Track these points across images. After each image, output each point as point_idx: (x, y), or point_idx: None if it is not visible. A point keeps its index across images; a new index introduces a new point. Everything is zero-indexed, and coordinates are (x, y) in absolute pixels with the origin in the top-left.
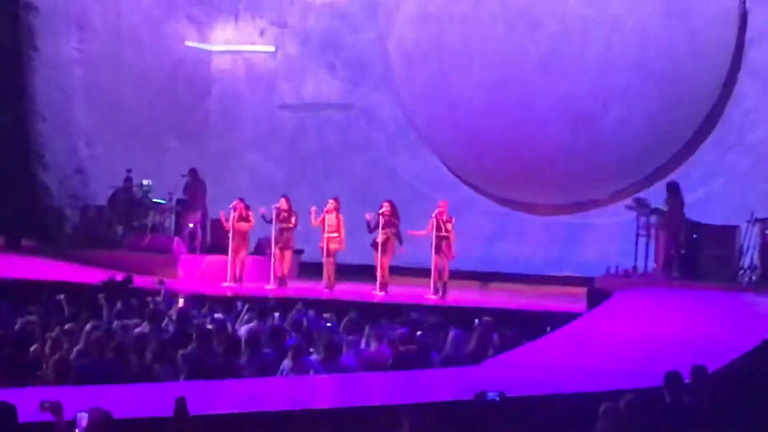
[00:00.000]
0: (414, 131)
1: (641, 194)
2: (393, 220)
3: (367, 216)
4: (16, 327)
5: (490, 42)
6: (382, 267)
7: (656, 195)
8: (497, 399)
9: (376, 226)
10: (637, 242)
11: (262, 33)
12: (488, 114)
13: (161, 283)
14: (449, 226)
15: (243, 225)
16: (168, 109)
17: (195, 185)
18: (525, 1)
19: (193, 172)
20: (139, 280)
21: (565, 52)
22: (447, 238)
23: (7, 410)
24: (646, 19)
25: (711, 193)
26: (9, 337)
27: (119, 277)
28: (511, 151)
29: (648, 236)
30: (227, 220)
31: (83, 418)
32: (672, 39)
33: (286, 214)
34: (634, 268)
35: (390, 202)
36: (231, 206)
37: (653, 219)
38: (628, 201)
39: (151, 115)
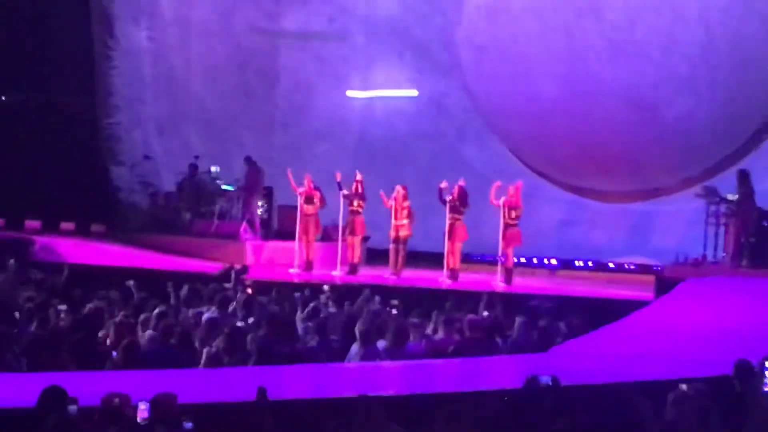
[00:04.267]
0: (482, 120)
1: (711, 182)
2: (460, 205)
3: (443, 184)
4: (85, 312)
5: (558, 33)
6: (450, 253)
7: (726, 183)
8: (550, 383)
9: (444, 202)
10: (706, 230)
11: (330, 20)
12: (557, 103)
13: (232, 269)
14: (515, 213)
15: (309, 208)
16: (237, 97)
17: (251, 172)
18: None
19: (248, 159)
20: (207, 266)
21: (630, 42)
22: (514, 225)
23: (60, 393)
24: (711, 7)
25: None
26: (78, 322)
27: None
28: (580, 140)
29: (717, 224)
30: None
31: (143, 408)
32: (740, 26)
33: (356, 200)
34: (704, 256)
35: (459, 186)
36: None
37: (723, 207)
38: (698, 189)
39: (221, 104)
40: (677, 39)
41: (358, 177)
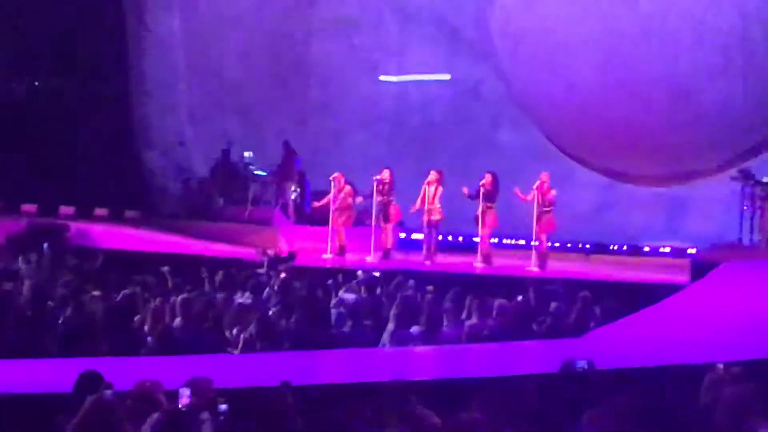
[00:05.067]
0: (517, 106)
1: (747, 165)
2: (492, 192)
3: (465, 190)
4: (119, 298)
5: (592, 21)
6: (482, 239)
7: (763, 167)
8: (585, 368)
9: (477, 196)
10: (742, 214)
11: (362, 7)
12: (593, 90)
13: (265, 253)
14: (549, 198)
15: (340, 201)
16: (270, 83)
17: (287, 158)
18: None
19: (286, 144)
20: (242, 252)
21: (665, 30)
22: (549, 211)
23: (96, 378)
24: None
25: None
26: (113, 307)
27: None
28: (616, 126)
29: (753, 208)
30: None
31: (185, 394)
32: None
33: (388, 187)
34: (739, 239)
35: (492, 173)
36: (331, 178)
37: (759, 190)
38: (734, 172)
39: (254, 90)
40: (711, 26)
41: (385, 176)
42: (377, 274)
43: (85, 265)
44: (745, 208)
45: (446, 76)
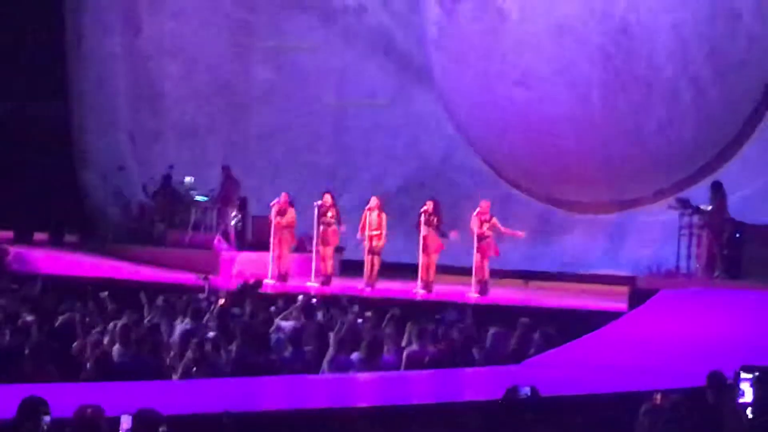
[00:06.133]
0: (457, 131)
1: (684, 193)
2: (434, 218)
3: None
4: (58, 323)
5: (524, 40)
6: (423, 266)
7: (700, 194)
8: (529, 394)
9: (418, 225)
10: (679, 242)
11: (309, 29)
12: (528, 114)
13: (206, 278)
14: (488, 225)
15: (280, 220)
16: (213, 107)
17: (227, 182)
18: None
19: (225, 168)
20: (182, 277)
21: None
22: (487, 237)
23: (40, 404)
24: (687, 22)
25: (755, 192)
26: (52, 332)
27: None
28: (552, 150)
29: (691, 236)
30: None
31: (127, 420)
32: (714, 42)
33: (329, 211)
34: (677, 267)
35: (433, 200)
36: (274, 201)
37: (696, 218)
38: (671, 200)
39: (196, 114)
40: (656, 49)
41: (327, 200)
42: (314, 300)
43: (24, 290)
44: (683, 235)
45: (389, 99)
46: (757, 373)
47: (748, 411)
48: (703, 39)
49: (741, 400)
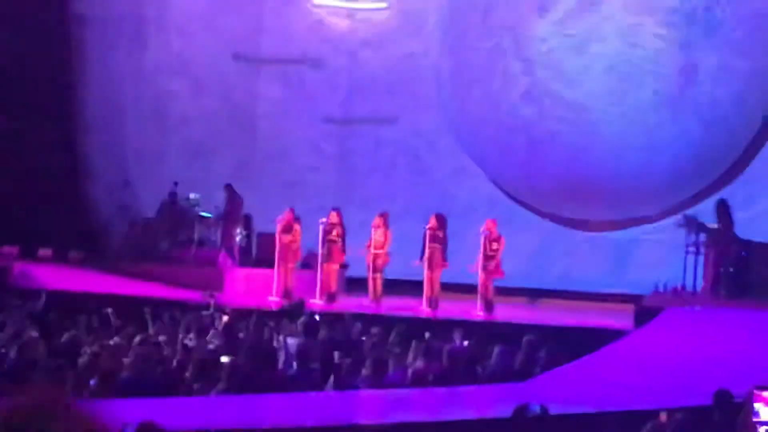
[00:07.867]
0: (464, 151)
1: (691, 211)
2: (439, 234)
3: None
4: (63, 339)
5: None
6: (429, 282)
7: (706, 212)
8: (538, 412)
9: (423, 241)
10: (685, 260)
11: (307, 49)
12: (535, 133)
13: (212, 296)
14: (496, 245)
15: (285, 237)
16: (218, 124)
17: (231, 199)
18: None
19: (228, 187)
20: (187, 294)
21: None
22: (494, 257)
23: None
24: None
25: (762, 211)
26: (57, 349)
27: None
28: (560, 169)
29: (697, 254)
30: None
31: (130, 427)
32: (709, 61)
33: (335, 228)
34: (683, 286)
35: (437, 215)
36: (279, 218)
37: (702, 237)
38: (678, 218)
39: (202, 130)
40: (658, 64)
41: (333, 218)
42: (317, 317)
43: (28, 306)
44: (689, 253)
45: (392, 118)
46: None
47: (763, 430)
48: (709, 56)
49: (755, 420)
